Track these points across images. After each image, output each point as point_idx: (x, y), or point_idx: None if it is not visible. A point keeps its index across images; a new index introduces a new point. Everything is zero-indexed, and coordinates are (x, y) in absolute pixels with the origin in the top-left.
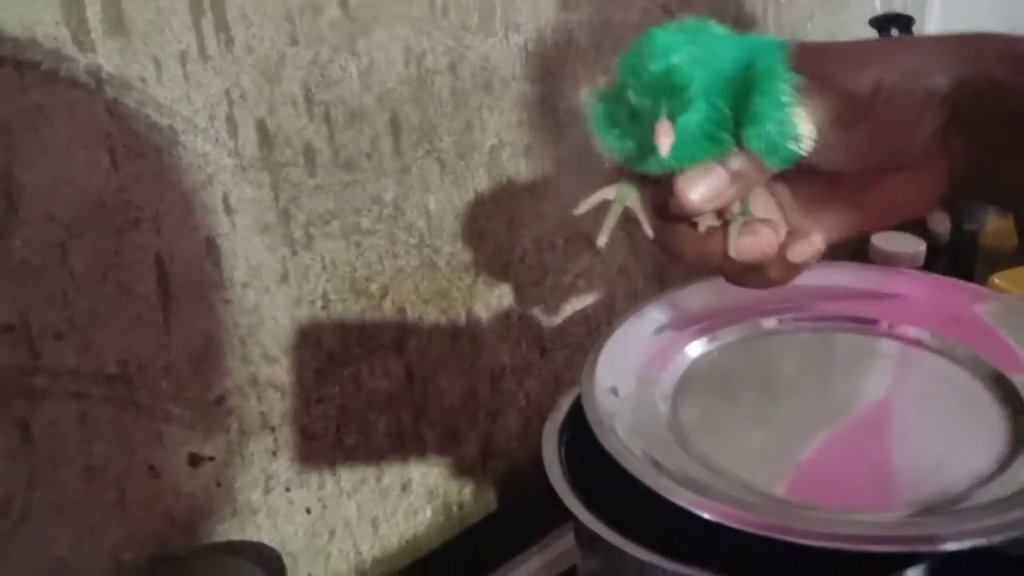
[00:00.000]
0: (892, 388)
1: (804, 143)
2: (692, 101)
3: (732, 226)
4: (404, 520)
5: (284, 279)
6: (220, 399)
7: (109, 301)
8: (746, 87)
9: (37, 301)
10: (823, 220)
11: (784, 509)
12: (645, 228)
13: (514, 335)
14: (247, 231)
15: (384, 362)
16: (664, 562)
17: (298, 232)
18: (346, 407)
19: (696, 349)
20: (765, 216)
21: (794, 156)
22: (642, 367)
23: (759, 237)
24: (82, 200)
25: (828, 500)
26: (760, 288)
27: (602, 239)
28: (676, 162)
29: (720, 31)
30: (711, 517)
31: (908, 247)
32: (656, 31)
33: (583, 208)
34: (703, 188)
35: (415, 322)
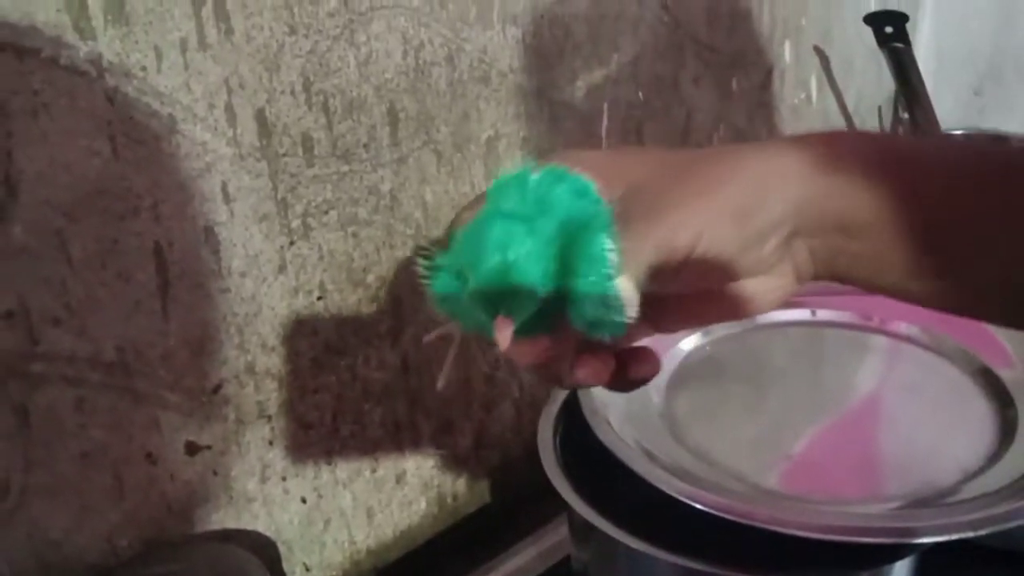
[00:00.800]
0: (882, 382)
1: (628, 313)
2: (528, 296)
3: (564, 366)
4: (399, 510)
5: (282, 269)
6: (217, 387)
7: (107, 288)
8: (571, 262)
9: (36, 287)
10: (675, 318)
11: (775, 500)
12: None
13: None
14: (245, 220)
15: (380, 353)
16: (656, 551)
17: (296, 222)
18: (342, 397)
19: (689, 343)
20: None
21: (621, 326)
22: None
23: (589, 369)
24: (81, 187)
25: (818, 492)
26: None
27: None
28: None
29: (563, 192)
30: (703, 507)
31: None
32: (493, 221)
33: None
34: (531, 356)
35: (411, 313)
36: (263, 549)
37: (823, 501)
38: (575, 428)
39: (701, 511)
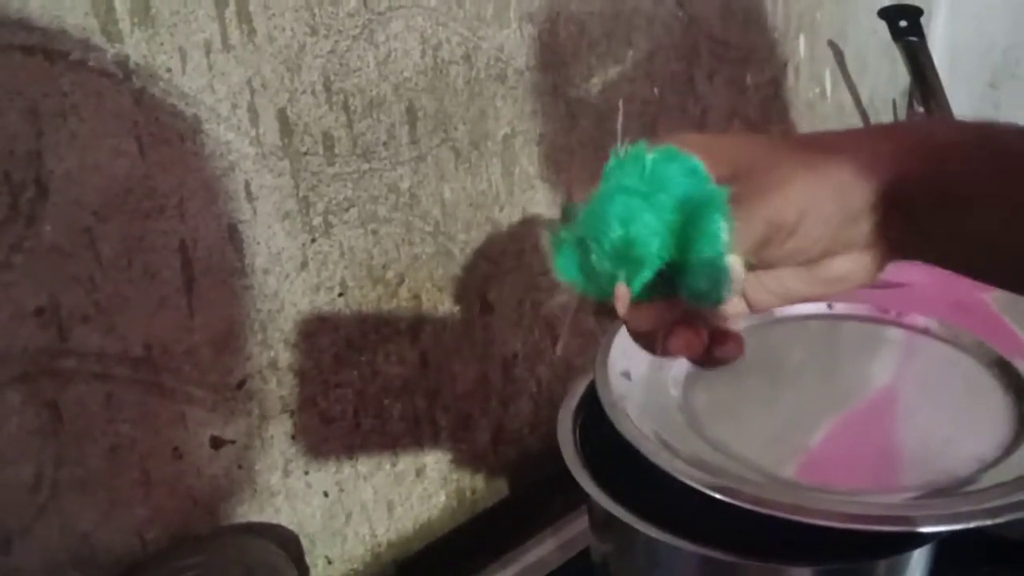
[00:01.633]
0: (900, 375)
1: (734, 287)
2: (646, 266)
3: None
4: (419, 504)
5: (303, 265)
6: (241, 383)
7: (134, 285)
8: (687, 238)
9: (66, 284)
10: (771, 293)
11: (793, 490)
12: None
13: (526, 323)
14: (268, 218)
15: (400, 348)
16: (676, 540)
17: (317, 219)
18: (363, 392)
19: None
20: None
21: (724, 298)
22: None
23: (681, 340)
24: (109, 186)
25: (836, 482)
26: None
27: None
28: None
29: (676, 171)
30: (722, 497)
31: None
32: (615, 196)
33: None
34: (643, 322)
35: (430, 309)
36: (287, 542)
37: (840, 491)
38: (593, 422)
39: (720, 501)
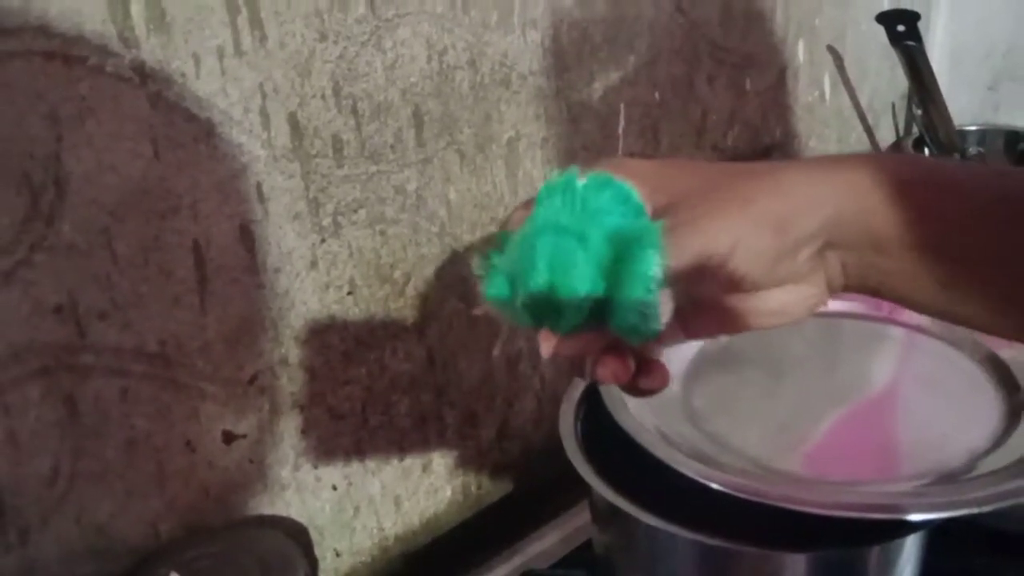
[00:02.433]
0: (896, 371)
1: (663, 321)
2: (572, 313)
3: (587, 359)
4: (425, 498)
5: (313, 265)
6: (253, 379)
7: (149, 283)
8: (617, 275)
9: (83, 282)
10: (707, 324)
11: (790, 480)
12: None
13: None
14: (279, 218)
15: (407, 346)
16: (677, 529)
17: (327, 220)
18: (371, 389)
19: None
20: None
21: (655, 332)
22: None
23: (608, 370)
24: (125, 187)
25: (835, 474)
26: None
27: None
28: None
29: (609, 200)
30: (719, 487)
31: None
32: (543, 235)
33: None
34: (573, 351)
35: (436, 308)
36: (297, 535)
37: (837, 483)
38: (595, 416)
39: (718, 491)
